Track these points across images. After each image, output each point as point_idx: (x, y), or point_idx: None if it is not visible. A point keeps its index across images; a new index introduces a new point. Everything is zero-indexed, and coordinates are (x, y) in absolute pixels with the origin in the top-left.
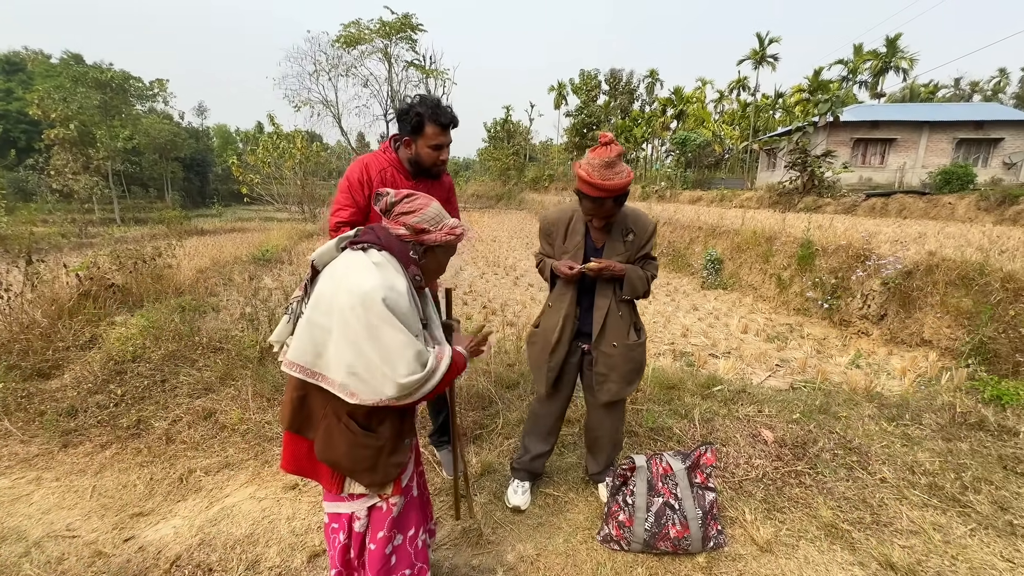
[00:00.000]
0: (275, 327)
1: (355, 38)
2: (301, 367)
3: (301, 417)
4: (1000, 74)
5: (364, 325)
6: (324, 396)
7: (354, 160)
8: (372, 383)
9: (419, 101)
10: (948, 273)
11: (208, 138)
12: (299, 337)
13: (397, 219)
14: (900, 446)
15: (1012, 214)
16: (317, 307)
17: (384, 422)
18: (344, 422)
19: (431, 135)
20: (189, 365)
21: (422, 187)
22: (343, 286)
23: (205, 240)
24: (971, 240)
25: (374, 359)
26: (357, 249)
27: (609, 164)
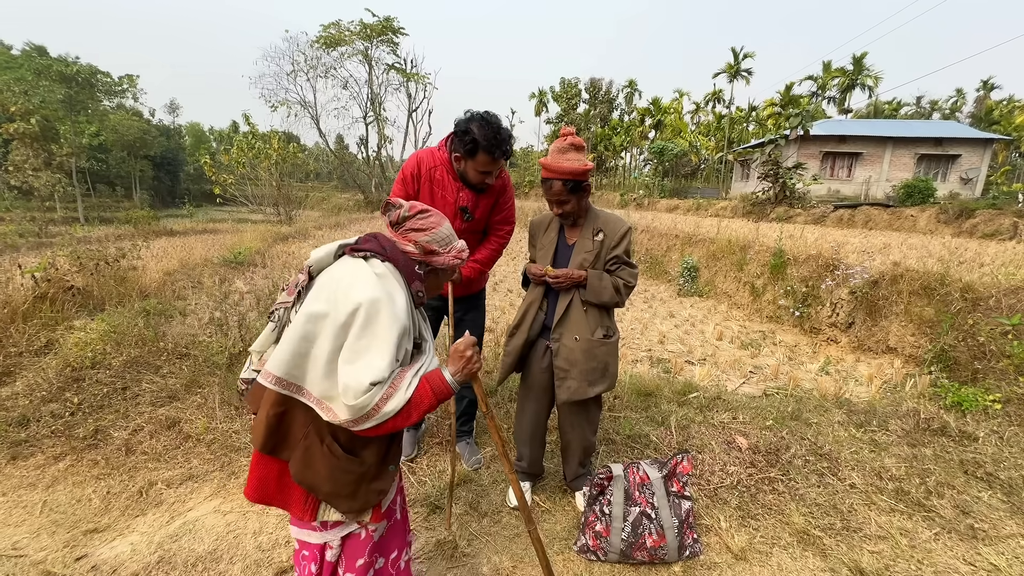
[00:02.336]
0: (245, 332)
1: (335, 39)
2: (278, 378)
3: (277, 437)
4: (957, 94)
5: (355, 335)
6: (307, 415)
7: (410, 156)
8: (341, 396)
9: (480, 123)
10: (912, 283)
11: (180, 136)
12: (282, 346)
13: (407, 234)
14: (868, 452)
15: (969, 227)
16: (308, 314)
17: (369, 446)
18: (327, 444)
19: (482, 162)
20: (153, 372)
21: (467, 191)
22: (342, 294)
23: (174, 241)
24: (932, 251)
25: (345, 371)
26: (358, 256)
27: (561, 150)
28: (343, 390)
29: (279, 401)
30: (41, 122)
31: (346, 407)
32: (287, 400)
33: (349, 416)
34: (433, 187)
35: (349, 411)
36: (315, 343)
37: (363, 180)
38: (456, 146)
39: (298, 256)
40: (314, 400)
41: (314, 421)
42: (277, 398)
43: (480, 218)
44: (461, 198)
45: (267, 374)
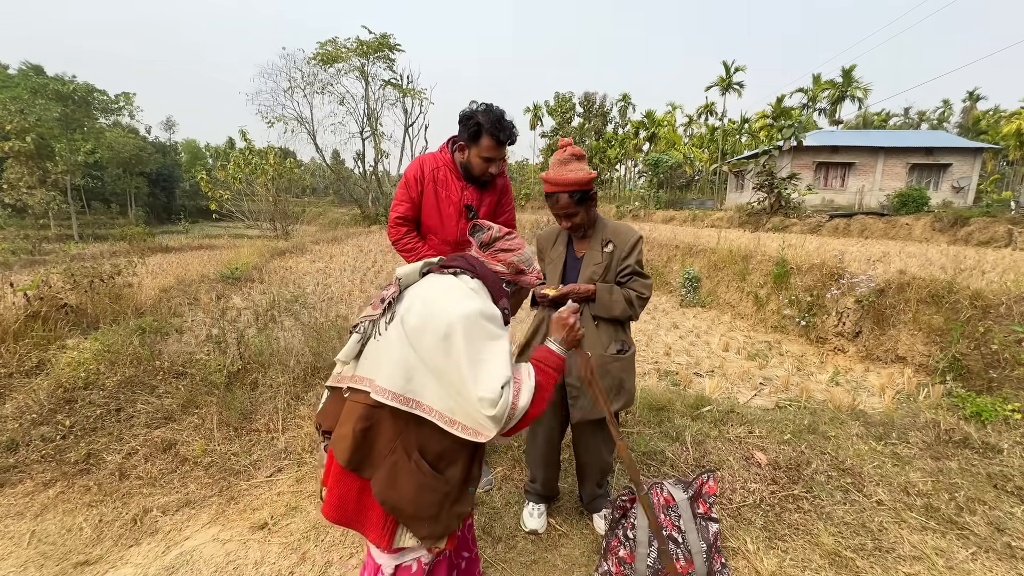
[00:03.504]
0: (244, 349)
1: (332, 56)
2: (394, 394)
3: (362, 452)
4: (944, 104)
5: (464, 348)
6: (395, 429)
7: (413, 160)
8: (474, 411)
9: (484, 110)
10: (919, 291)
11: (176, 153)
12: (388, 361)
13: (496, 255)
14: (891, 466)
15: (964, 234)
16: (407, 328)
17: (454, 464)
18: (415, 460)
19: (486, 147)
20: (148, 392)
21: (471, 188)
22: (439, 307)
23: (170, 257)
24: (932, 259)
25: (470, 385)
26: (448, 273)
27: (562, 161)
28: (479, 404)
29: (366, 416)
30: (36, 140)
31: (489, 419)
32: (374, 414)
33: (494, 426)
34: (437, 187)
35: (493, 421)
36: (424, 358)
37: (359, 194)
38: (459, 134)
39: (295, 271)
40: (436, 415)
41: (402, 436)
42: (364, 412)
43: (484, 218)
44: (465, 196)
45: (383, 390)
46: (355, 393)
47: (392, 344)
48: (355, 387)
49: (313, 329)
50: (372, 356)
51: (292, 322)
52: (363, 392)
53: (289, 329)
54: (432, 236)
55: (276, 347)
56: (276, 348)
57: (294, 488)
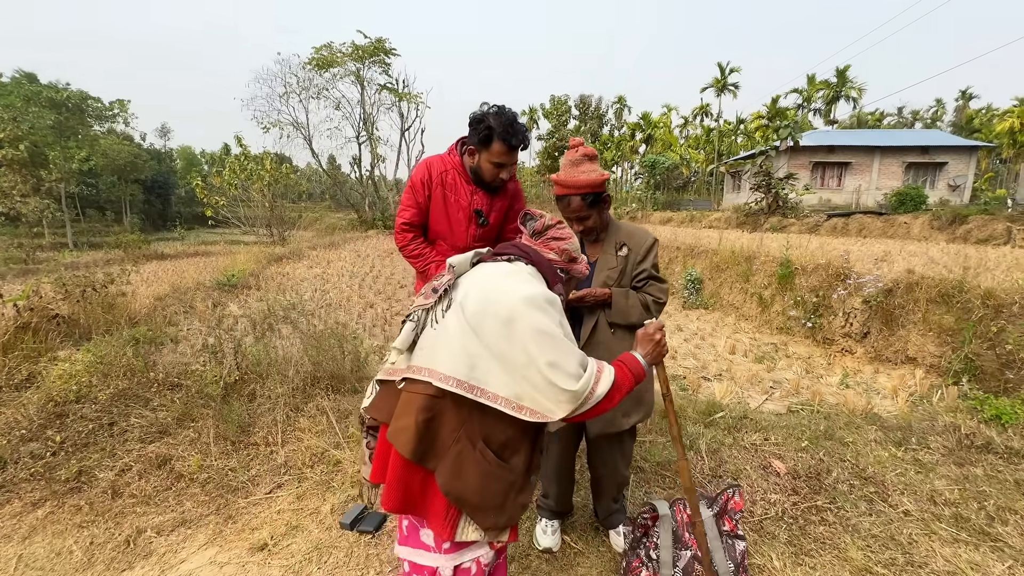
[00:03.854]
0: (241, 359)
1: (327, 61)
2: (459, 381)
3: (426, 443)
4: (937, 104)
5: (531, 330)
6: (458, 418)
7: (419, 162)
8: (544, 393)
9: (495, 112)
10: (928, 291)
11: (171, 160)
12: (449, 349)
13: (549, 243)
14: (915, 473)
15: (963, 232)
16: (468, 314)
17: (518, 453)
18: (479, 449)
19: (496, 152)
20: (142, 405)
21: (481, 192)
22: (500, 291)
23: (165, 265)
24: (935, 258)
25: (543, 366)
26: (501, 260)
27: (574, 162)
28: (560, 378)
29: (428, 406)
30: (30, 148)
31: (568, 395)
32: (436, 404)
33: (570, 404)
34: (445, 191)
35: (571, 399)
36: (487, 344)
37: (356, 199)
38: (470, 137)
39: (292, 277)
40: (502, 401)
41: (465, 425)
42: (426, 403)
43: (494, 224)
44: (475, 201)
45: (446, 378)
46: (412, 384)
47: (451, 332)
48: (412, 377)
49: (312, 338)
50: (429, 345)
51: (290, 330)
52: (422, 382)
53: (287, 337)
54: (441, 242)
55: (274, 357)
56: (274, 358)
57: (295, 506)
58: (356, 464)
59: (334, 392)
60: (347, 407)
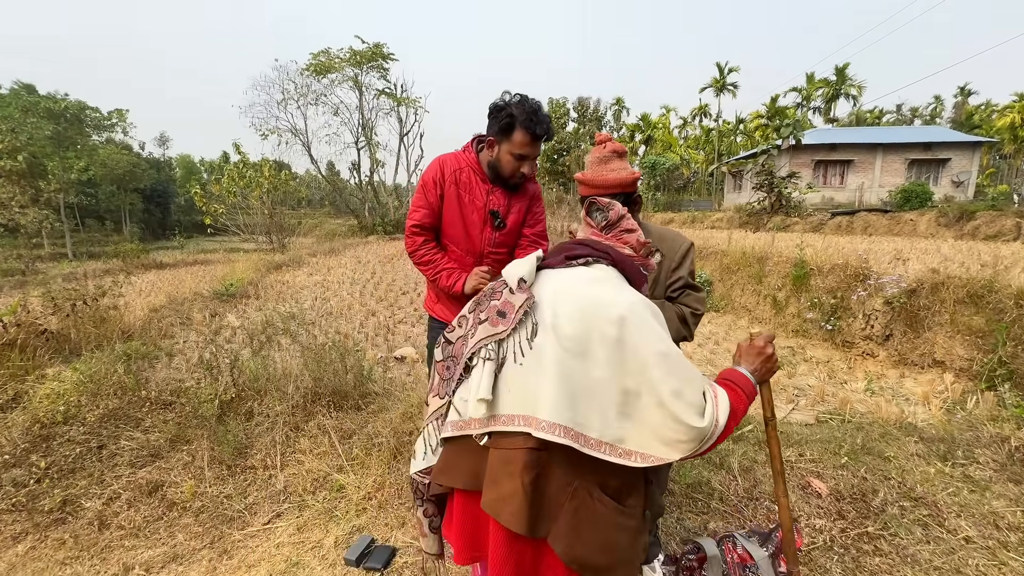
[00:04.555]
0: (238, 375)
1: (325, 67)
2: (566, 429)
3: (537, 508)
4: (936, 100)
5: (650, 350)
6: (570, 469)
7: (432, 161)
8: (660, 432)
9: (517, 101)
10: (956, 291)
11: (171, 168)
12: (547, 387)
13: (622, 236)
14: (968, 492)
15: (970, 229)
16: (562, 338)
17: (635, 491)
18: (597, 498)
19: (518, 142)
20: (133, 426)
21: (498, 192)
22: (600, 304)
23: (163, 274)
24: (948, 255)
25: (666, 397)
26: (577, 264)
27: (602, 160)
28: (681, 413)
29: (532, 462)
30: (28, 159)
31: (694, 431)
32: (541, 458)
33: (691, 444)
34: (459, 191)
35: (696, 436)
36: (595, 374)
37: (356, 205)
38: (489, 127)
39: (292, 285)
40: (606, 449)
41: (578, 474)
42: (529, 459)
43: (512, 228)
44: (491, 201)
45: (550, 426)
46: (502, 438)
47: (547, 365)
48: (501, 430)
49: (313, 351)
50: (519, 386)
51: (289, 342)
52: (517, 434)
53: (286, 349)
54: (453, 247)
55: (273, 372)
56: (273, 373)
57: (295, 538)
58: (362, 490)
59: (336, 409)
60: (350, 426)
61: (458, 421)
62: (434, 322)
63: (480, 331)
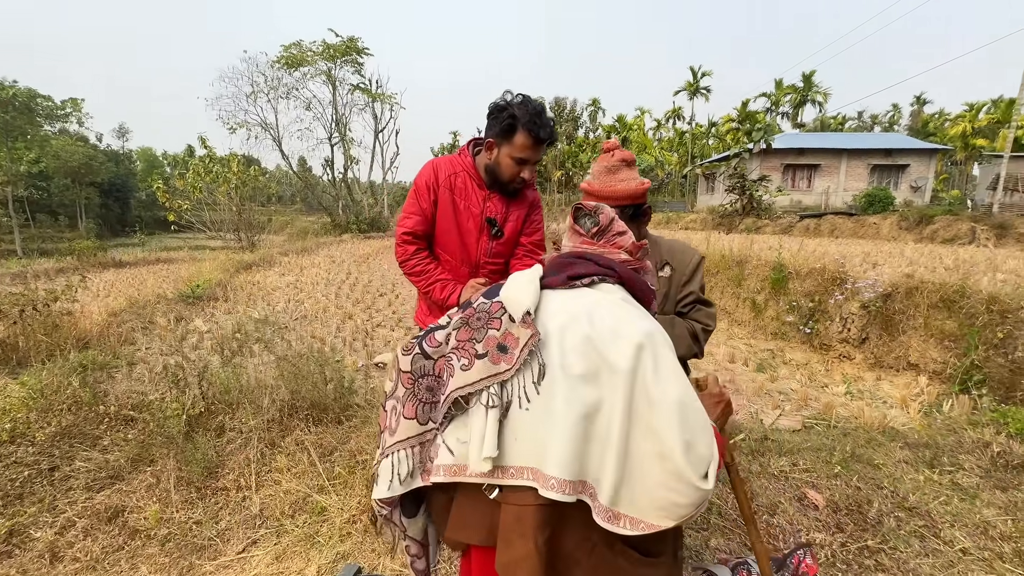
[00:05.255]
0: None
1: (297, 59)
2: (573, 484)
3: (554, 569)
4: (894, 108)
5: (669, 397)
6: (588, 522)
7: (424, 164)
8: (656, 493)
9: (520, 102)
10: (930, 295)
11: (131, 162)
12: (557, 437)
13: (613, 240)
14: (959, 501)
15: (929, 232)
16: (573, 376)
17: (661, 537)
18: (619, 552)
19: (520, 145)
20: (90, 445)
21: (495, 199)
22: (611, 337)
23: (123, 274)
24: (912, 259)
25: (677, 450)
26: (582, 286)
27: (611, 169)
28: (688, 471)
29: (545, 520)
30: None
31: (698, 493)
32: (553, 514)
33: (689, 509)
34: (454, 196)
35: (697, 499)
36: (597, 418)
37: (329, 202)
38: (489, 128)
39: (263, 286)
40: (602, 511)
41: (597, 526)
42: (541, 517)
43: (509, 237)
44: (488, 208)
45: (560, 483)
46: (512, 492)
47: (555, 413)
48: (508, 483)
49: (289, 361)
50: (525, 435)
51: (262, 349)
52: (525, 490)
53: (259, 355)
54: (447, 256)
55: (246, 383)
56: (246, 384)
57: (273, 568)
58: (346, 512)
59: (315, 423)
60: (331, 441)
61: (452, 466)
62: None
63: (478, 368)
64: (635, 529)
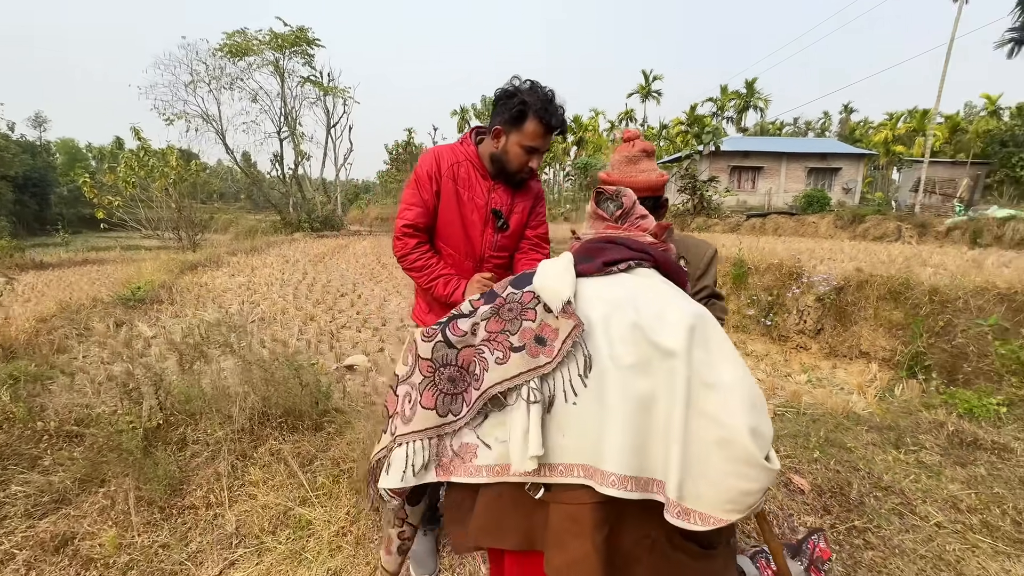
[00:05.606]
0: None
1: (241, 48)
2: (636, 480)
3: (614, 567)
4: (825, 116)
5: (728, 377)
6: (647, 517)
7: (424, 152)
8: (724, 483)
9: (529, 88)
10: (878, 288)
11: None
12: (610, 431)
13: (637, 223)
14: (927, 478)
15: (861, 231)
16: (624, 367)
17: (722, 528)
18: (678, 547)
19: (530, 133)
20: (28, 466)
21: (500, 190)
22: (660, 323)
23: (46, 276)
24: (851, 255)
25: (744, 435)
26: (619, 271)
27: (631, 159)
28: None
29: (603, 518)
30: None
31: (768, 474)
32: (610, 512)
33: (757, 496)
34: (458, 187)
35: (766, 481)
36: (654, 409)
37: (278, 199)
38: (496, 117)
39: (212, 287)
40: (672, 507)
41: (656, 521)
42: (598, 515)
43: (515, 230)
44: (493, 199)
45: (621, 479)
46: (562, 491)
47: (609, 405)
48: (557, 482)
49: (262, 366)
50: (573, 431)
51: (222, 353)
52: (578, 488)
53: (217, 360)
54: (450, 250)
55: (209, 391)
56: (209, 392)
57: None
58: (333, 525)
59: (291, 431)
60: (310, 450)
61: (495, 466)
62: None
63: (516, 362)
64: (705, 524)
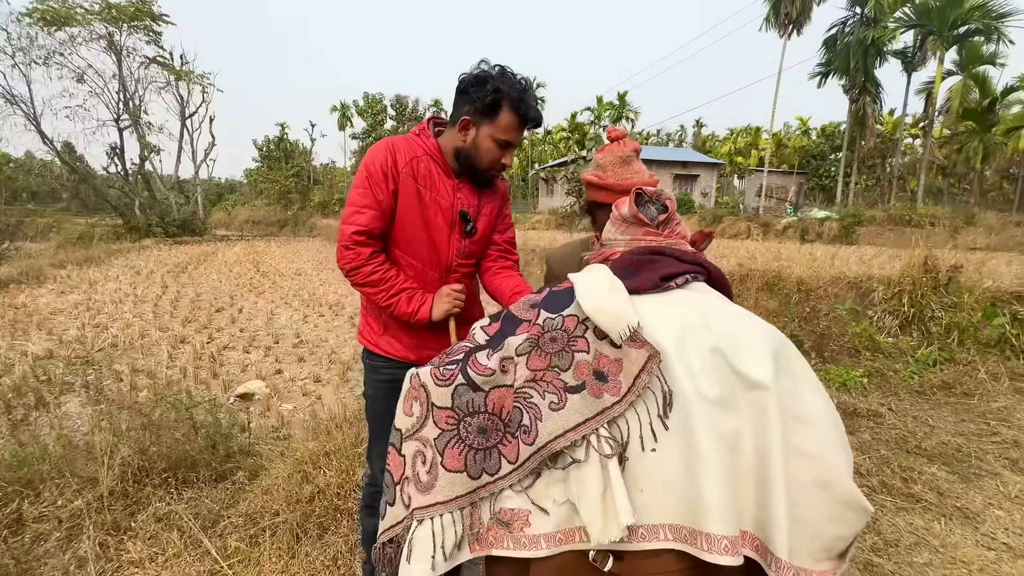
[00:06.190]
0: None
1: (60, 16)
2: (753, 537)
3: None
4: (681, 129)
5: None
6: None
7: (374, 145)
8: (824, 532)
9: (500, 74)
10: (758, 280)
11: None
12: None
13: (675, 230)
14: None
15: (720, 230)
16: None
17: None
18: None
19: (505, 125)
20: None
21: (465, 190)
22: (736, 352)
23: None
24: (721, 253)
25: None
26: (676, 287)
27: (624, 160)
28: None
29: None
30: None
31: (865, 515)
32: None
33: (855, 536)
34: (419, 186)
35: (862, 524)
36: (742, 449)
37: (118, 200)
38: (462, 103)
39: (35, 310)
40: (784, 570)
41: None
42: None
43: (483, 234)
44: (459, 200)
45: (733, 542)
46: (641, 559)
47: (701, 451)
48: (638, 548)
49: (131, 408)
50: (654, 485)
51: (62, 393)
52: (663, 553)
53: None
54: (412, 260)
55: (55, 448)
56: (56, 450)
57: None
58: None
59: (183, 486)
60: (213, 507)
61: (555, 534)
62: (378, 360)
63: (576, 405)
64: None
